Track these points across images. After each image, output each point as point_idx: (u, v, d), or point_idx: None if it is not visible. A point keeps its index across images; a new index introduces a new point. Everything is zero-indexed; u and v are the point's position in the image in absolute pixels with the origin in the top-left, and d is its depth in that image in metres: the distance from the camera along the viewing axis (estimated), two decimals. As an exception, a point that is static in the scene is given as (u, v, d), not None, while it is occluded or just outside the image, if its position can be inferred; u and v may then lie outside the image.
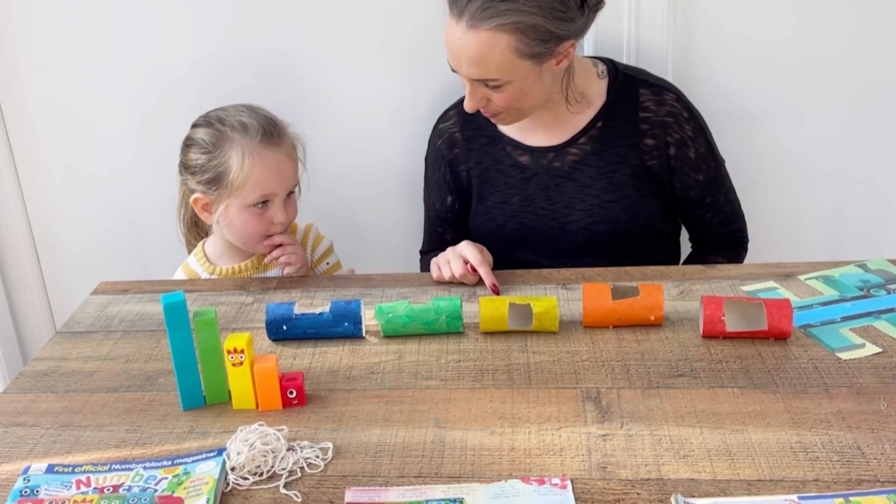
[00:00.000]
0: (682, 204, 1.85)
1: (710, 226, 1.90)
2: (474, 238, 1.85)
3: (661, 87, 1.79)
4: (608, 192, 1.77)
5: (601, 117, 1.77)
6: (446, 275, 1.67)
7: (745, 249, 1.95)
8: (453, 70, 1.65)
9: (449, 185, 1.90)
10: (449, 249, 1.69)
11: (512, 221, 1.84)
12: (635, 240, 1.82)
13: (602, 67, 1.81)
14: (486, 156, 1.85)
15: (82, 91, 2.12)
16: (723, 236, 1.93)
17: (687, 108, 1.80)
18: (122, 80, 2.10)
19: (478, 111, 1.71)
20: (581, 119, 1.78)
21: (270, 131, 1.73)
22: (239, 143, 1.71)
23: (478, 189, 1.87)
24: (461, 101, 1.75)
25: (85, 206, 2.22)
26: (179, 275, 1.87)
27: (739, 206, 1.92)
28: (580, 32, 1.63)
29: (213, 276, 1.84)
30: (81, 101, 2.12)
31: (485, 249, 1.68)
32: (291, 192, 1.79)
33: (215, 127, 1.73)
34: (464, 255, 1.65)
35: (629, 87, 1.78)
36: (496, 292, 1.62)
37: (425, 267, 1.92)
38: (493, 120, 1.76)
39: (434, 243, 1.98)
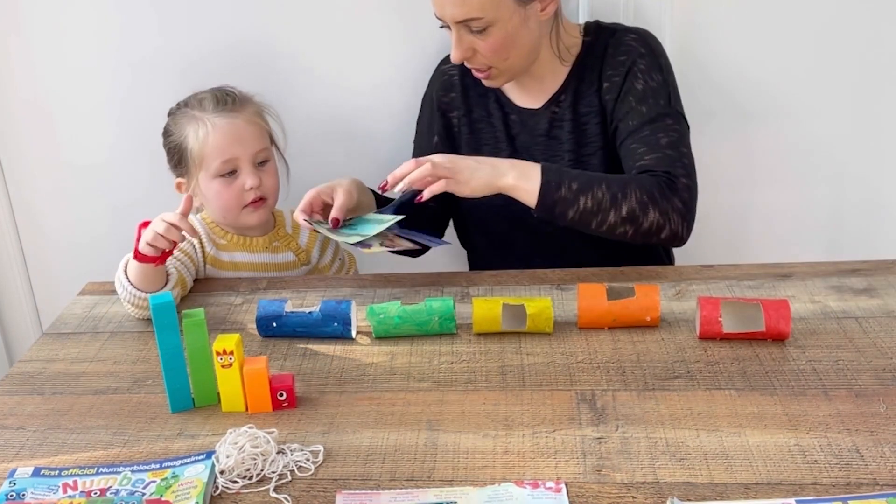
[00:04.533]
0: (616, 135, 1.73)
1: (640, 161, 1.67)
2: (468, 204, 1.81)
3: (626, 31, 1.77)
4: (583, 145, 1.76)
5: (573, 72, 1.77)
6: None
7: (677, 202, 1.62)
8: (440, 22, 1.67)
9: (438, 124, 1.90)
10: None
11: None
12: None
13: (583, 26, 1.81)
14: (479, 107, 1.86)
15: (69, 90, 2.10)
16: (652, 174, 1.65)
17: (647, 46, 1.74)
18: (110, 79, 2.09)
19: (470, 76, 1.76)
20: (560, 76, 1.79)
21: (224, 100, 1.77)
22: (193, 117, 1.76)
23: (468, 140, 1.87)
24: None
25: (72, 206, 2.21)
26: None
27: (689, 162, 1.68)
28: None
29: (220, 240, 1.83)
30: (68, 100, 2.11)
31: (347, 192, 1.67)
32: (266, 160, 1.80)
33: (180, 111, 1.80)
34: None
35: (600, 37, 1.77)
36: (334, 225, 1.64)
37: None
38: (483, 79, 1.75)
39: None
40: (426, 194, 1.57)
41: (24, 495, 1.14)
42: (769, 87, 2.01)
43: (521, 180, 1.58)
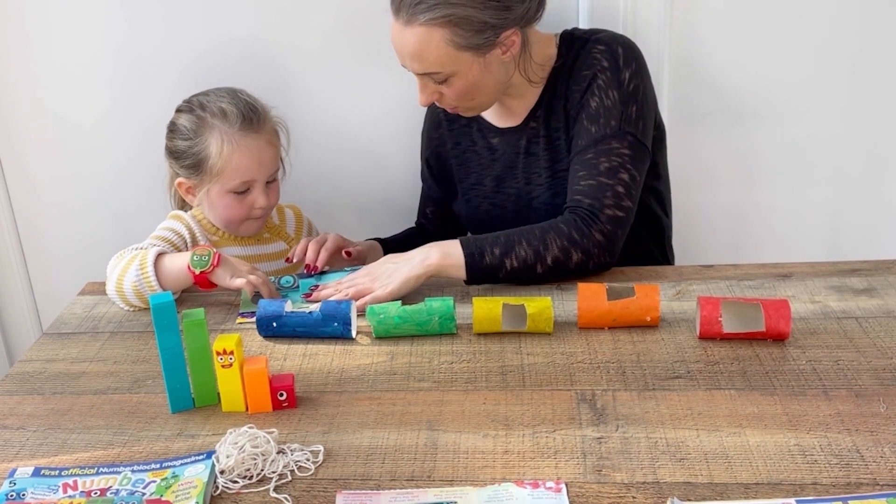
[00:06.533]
0: (570, 152, 1.73)
1: (576, 185, 1.66)
2: (460, 224, 1.95)
3: (597, 41, 1.71)
4: (557, 161, 1.76)
5: (547, 87, 1.77)
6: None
7: (597, 236, 1.61)
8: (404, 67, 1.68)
9: (432, 158, 1.95)
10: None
11: (485, 203, 1.87)
12: None
13: (558, 37, 1.77)
14: (464, 137, 1.88)
15: (67, 90, 2.10)
16: (577, 203, 1.64)
17: (613, 58, 1.68)
18: (109, 78, 2.08)
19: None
20: (537, 92, 1.78)
21: (250, 118, 1.76)
22: (218, 130, 1.74)
23: (457, 171, 1.90)
24: None
25: (72, 205, 2.21)
26: (169, 223, 1.82)
27: (623, 189, 1.64)
28: (522, 20, 1.63)
29: (213, 237, 1.85)
30: (67, 100, 2.11)
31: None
32: (274, 179, 1.83)
33: (196, 113, 1.77)
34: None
35: (572, 49, 1.74)
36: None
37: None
38: (454, 113, 1.77)
39: (418, 215, 2.08)
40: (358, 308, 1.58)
41: (24, 495, 1.14)
42: (769, 87, 2.01)
43: (446, 258, 1.61)
